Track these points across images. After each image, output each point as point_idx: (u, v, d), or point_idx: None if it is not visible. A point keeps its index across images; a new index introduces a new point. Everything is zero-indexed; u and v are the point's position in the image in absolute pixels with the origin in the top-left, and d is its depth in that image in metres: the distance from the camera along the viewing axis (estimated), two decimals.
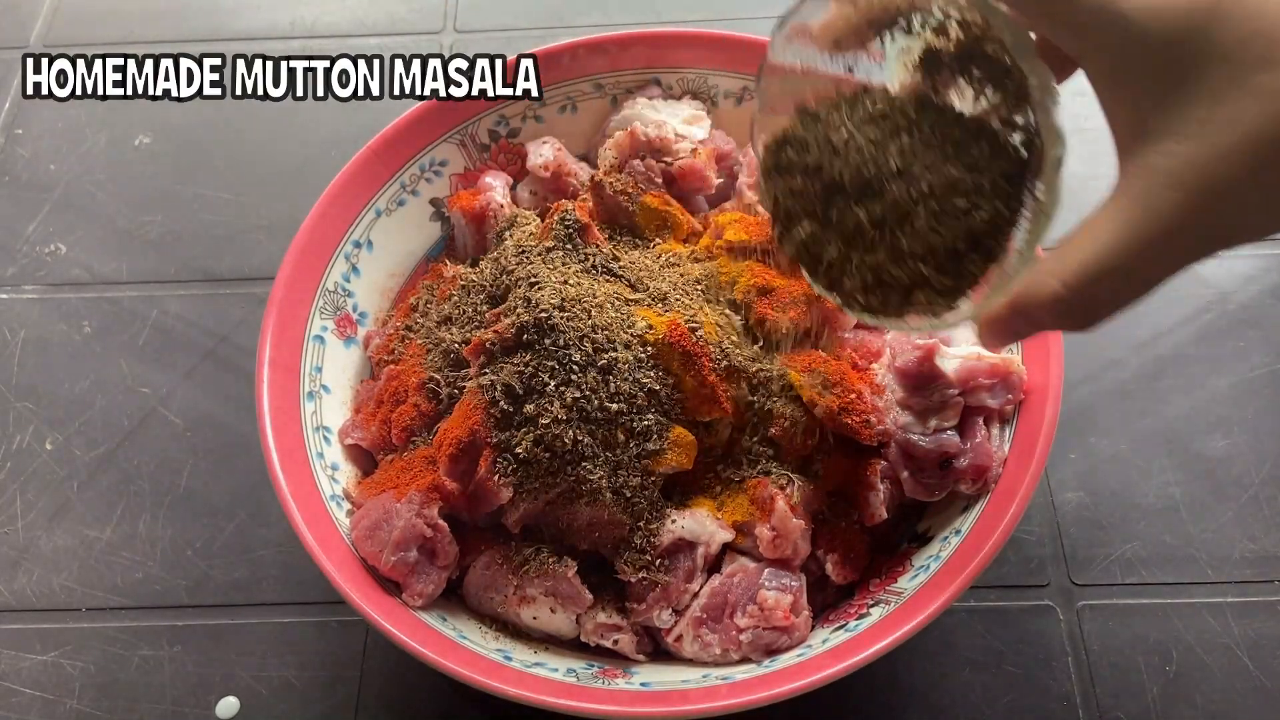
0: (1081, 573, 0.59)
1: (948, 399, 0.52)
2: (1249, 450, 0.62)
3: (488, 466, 0.49)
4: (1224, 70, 0.29)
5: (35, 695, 0.57)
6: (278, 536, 0.62)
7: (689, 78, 0.64)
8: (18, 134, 0.81)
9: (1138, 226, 0.32)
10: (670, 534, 0.50)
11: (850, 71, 0.44)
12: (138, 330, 0.71)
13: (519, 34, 0.85)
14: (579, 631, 0.52)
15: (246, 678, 0.57)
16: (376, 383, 0.58)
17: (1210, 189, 0.30)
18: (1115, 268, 0.33)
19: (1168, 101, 0.31)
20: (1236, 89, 0.29)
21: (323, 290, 0.59)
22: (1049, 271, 0.34)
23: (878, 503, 0.51)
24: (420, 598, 0.50)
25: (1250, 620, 0.57)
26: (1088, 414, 0.64)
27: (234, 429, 0.66)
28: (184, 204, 0.77)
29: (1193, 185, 0.30)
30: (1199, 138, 0.30)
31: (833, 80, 0.44)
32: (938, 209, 0.39)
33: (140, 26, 0.87)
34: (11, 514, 0.64)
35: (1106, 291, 0.33)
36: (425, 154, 0.63)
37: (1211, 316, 0.68)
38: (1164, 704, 0.54)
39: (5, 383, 0.69)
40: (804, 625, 0.50)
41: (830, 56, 0.44)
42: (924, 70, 0.43)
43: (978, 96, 0.41)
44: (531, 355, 0.49)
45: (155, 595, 0.60)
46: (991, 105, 0.41)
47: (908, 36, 0.43)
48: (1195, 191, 0.30)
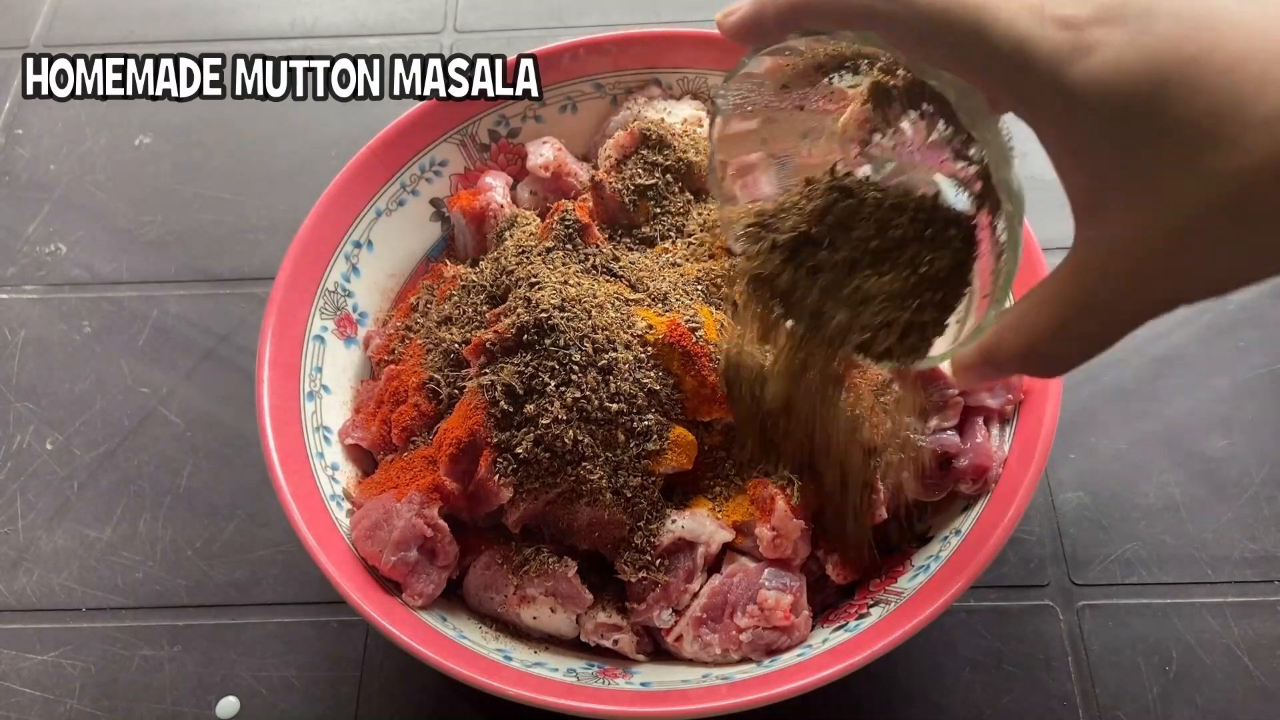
0: (1081, 573, 0.59)
1: (948, 399, 0.52)
2: (1249, 450, 0.62)
3: (488, 466, 0.49)
4: (1171, 149, 0.30)
5: (35, 695, 0.57)
6: (278, 536, 0.62)
7: (689, 78, 0.64)
8: (18, 134, 0.81)
9: (1093, 293, 0.33)
10: (670, 534, 0.50)
11: (801, 108, 0.45)
12: (138, 330, 0.71)
13: (519, 34, 0.85)
14: (579, 631, 0.52)
15: (246, 678, 0.57)
16: (376, 383, 0.58)
17: (1159, 262, 0.31)
18: (1071, 331, 0.35)
19: (1118, 176, 0.31)
20: (1183, 169, 0.29)
21: (323, 290, 0.59)
22: (1013, 328, 0.36)
23: (878, 503, 0.51)
24: (420, 598, 0.50)
25: (1250, 620, 0.57)
26: (1088, 414, 0.64)
27: (234, 429, 0.66)
28: (184, 204, 0.77)
29: (1142, 257, 0.31)
30: (1149, 212, 0.31)
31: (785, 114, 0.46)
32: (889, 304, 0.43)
33: (140, 26, 0.87)
34: (11, 514, 0.64)
35: (1064, 349, 0.36)
36: (425, 154, 0.63)
37: (1211, 316, 0.68)
38: (1164, 704, 0.54)
39: (5, 383, 0.69)
40: (804, 625, 0.50)
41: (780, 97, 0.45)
42: (873, 103, 0.43)
43: (929, 130, 0.41)
44: (531, 355, 0.49)
45: (155, 595, 0.60)
46: (943, 138, 0.41)
47: (855, 75, 0.43)
48: (1145, 263, 0.32)
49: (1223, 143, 0.28)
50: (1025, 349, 0.36)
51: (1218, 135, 0.29)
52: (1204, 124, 0.29)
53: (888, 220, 0.43)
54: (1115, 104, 0.30)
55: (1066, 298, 0.34)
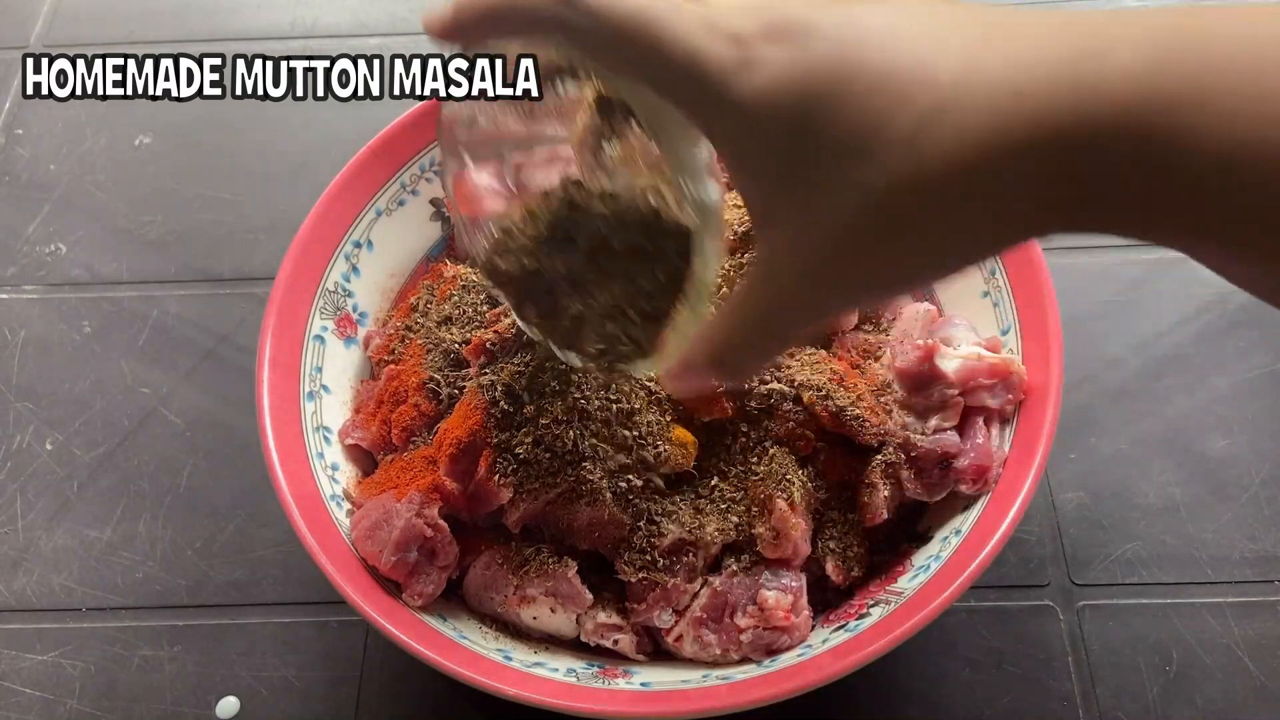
0: (1081, 573, 0.59)
1: (948, 399, 0.52)
2: (1249, 450, 0.62)
3: (488, 467, 0.49)
4: (824, 163, 0.31)
5: (35, 695, 0.57)
6: (278, 536, 0.62)
7: None
8: (18, 134, 0.81)
9: (761, 301, 0.35)
10: (670, 534, 0.50)
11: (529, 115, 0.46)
12: (138, 330, 0.71)
13: None
14: (579, 631, 0.52)
15: (246, 678, 0.57)
16: (376, 383, 0.58)
17: (819, 268, 0.33)
18: (748, 336, 0.36)
19: (784, 191, 0.32)
20: (835, 181, 0.31)
21: (323, 290, 0.59)
22: (703, 336, 0.38)
23: (878, 503, 0.51)
24: (420, 598, 0.50)
25: (1250, 620, 0.57)
26: (1088, 414, 0.64)
27: (234, 429, 0.66)
28: (184, 204, 0.77)
29: (804, 264, 0.33)
30: (809, 223, 0.32)
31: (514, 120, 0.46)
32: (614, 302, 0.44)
33: (140, 26, 0.87)
34: (11, 514, 0.64)
35: (743, 354, 0.37)
36: (425, 154, 0.63)
37: (1211, 316, 0.68)
38: (1164, 704, 0.54)
39: (5, 383, 0.69)
40: (804, 625, 0.50)
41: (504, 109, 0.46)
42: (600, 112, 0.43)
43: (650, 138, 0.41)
44: (532, 355, 0.49)
45: (155, 595, 0.60)
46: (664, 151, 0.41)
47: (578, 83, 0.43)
48: (807, 270, 0.33)
49: (867, 157, 0.30)
50: (712, 355, 0.38)
51: (862, 150, 0.30)
52: (851, 140, 0.30)
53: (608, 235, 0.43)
54: (776, 119, 0.31)
55: (744, 305, 0.36)
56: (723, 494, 0.51)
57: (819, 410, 0.50)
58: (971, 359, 0.52)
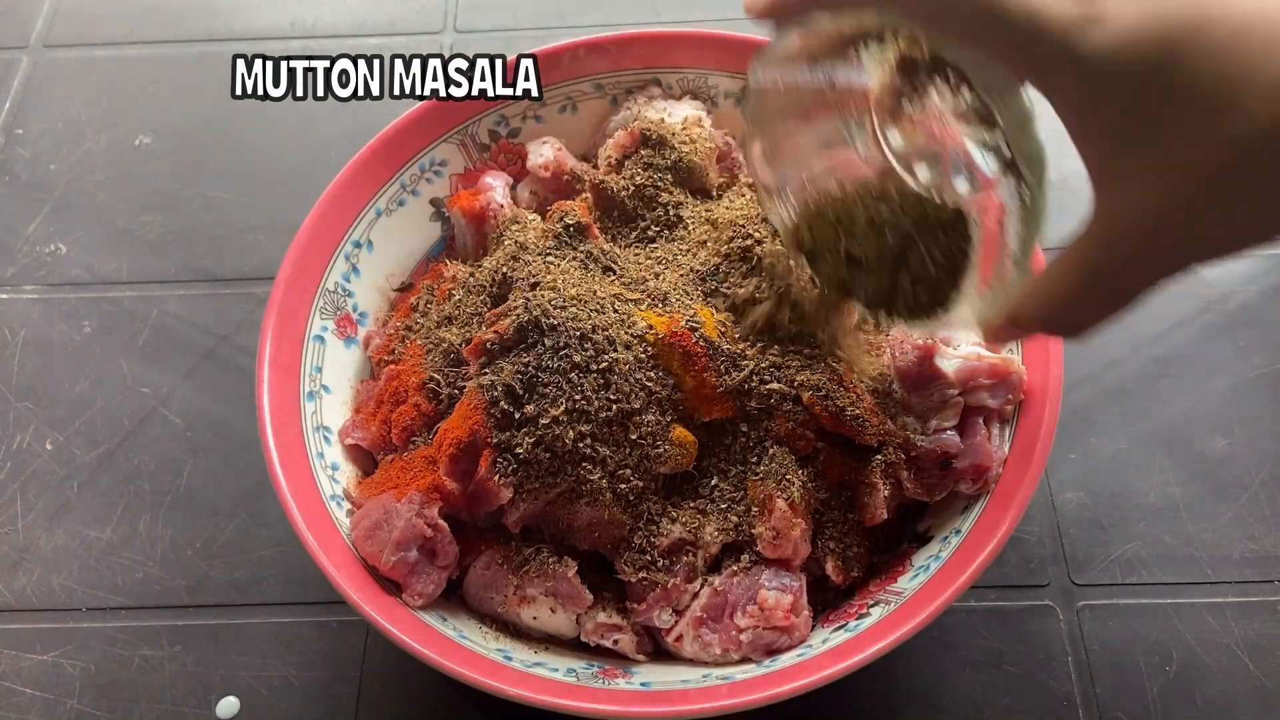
0: (1081, 573, 0.59)
1: (948, 399, 0.52)
2: (1249, 450, 0.62)
3: (488, 467, 0.49)
4: (1181, 115, 0.30)
5: (35, 695, 0.57)
6: (278, 536, 0.62)
7: (689, 78, 0.64)
8: (18, 134, 0.81)
9: (1111, 257, 0.35)
10: (670, 534, 0.50)
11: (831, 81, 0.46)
12: (138, 330, 0.71)
13: (519, 34, 0.85)
14: (579, 631, 0.52)
15: (246, 678, 0.57)
16: (376, 383, 0.58)
17: (1173, 225, 0.32)
18: (1092, 294, 0.36)
19: (1132, 143, 0.32)
20: (1193, 134, 0.30)
21: (323, 290, 0.59)
22: (1036, 291, 0.38)
23: (878, 503, 0.51)
24: (420, 598, 0.50)
25: (1250, 620, 0.57)
26: (1088, 414, 0.64)
27: (234, 429, 0.66)
28: (184, 204, 0.77)
29: (1157, 221, 0.32)
30: (1163, 178, 0.32)
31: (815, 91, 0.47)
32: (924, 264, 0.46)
33: (140, 26, 0.87)
34: (11, 514, 0.64)
35: (1085, 312, 0.37)
36: (425, 154, 0.63)
37: (1211, 316, 0.68)
38: (1164, 704, 0.54)
39: (5, 383, 0.69)
40: (804, 625, 0.50)
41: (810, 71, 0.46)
42: (901, 72, 0.44)
43: (955, 94, 0.42)
44: (532, 355, 0.49)
45: (155, 595, 0.60)
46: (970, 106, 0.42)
47: (881, 45, 0.44)
48: (1161, 226, 0.32)
49: (1230, 108, 0.29)
50: (1048, 311, 0.37)
51: (1225, 101, 0.29)
52: (1211, 90, 0.29)
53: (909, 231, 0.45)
54: (1126, 72, 0.31)
55: (1087, 262, 0.35)
56: (723, 494, 0.51)
57: (819, 410, 0.50)
58: (971, 359, 0.52)
